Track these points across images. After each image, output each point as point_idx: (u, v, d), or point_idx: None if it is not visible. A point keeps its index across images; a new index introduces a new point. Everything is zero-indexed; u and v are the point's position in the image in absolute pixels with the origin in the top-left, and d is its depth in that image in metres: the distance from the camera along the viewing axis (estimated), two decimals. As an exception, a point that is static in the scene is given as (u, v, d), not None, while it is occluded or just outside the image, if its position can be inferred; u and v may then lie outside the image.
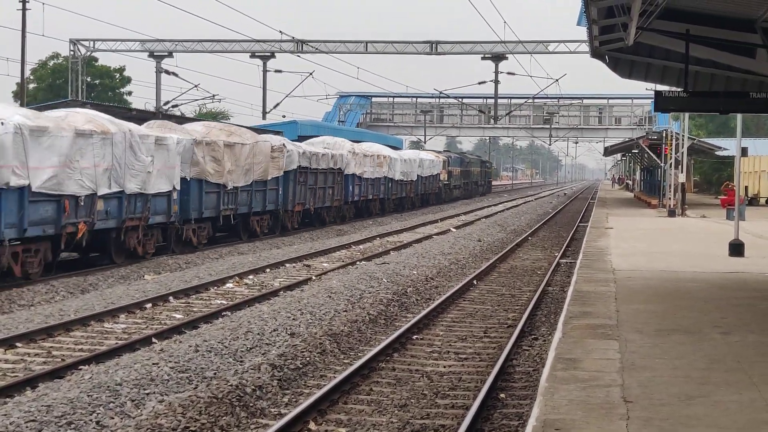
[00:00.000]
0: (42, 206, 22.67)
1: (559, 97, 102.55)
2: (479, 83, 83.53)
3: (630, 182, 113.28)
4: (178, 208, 29.26)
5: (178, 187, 28.90)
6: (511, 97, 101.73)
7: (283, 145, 38.17)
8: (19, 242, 22.11)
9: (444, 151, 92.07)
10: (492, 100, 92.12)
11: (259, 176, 35.46)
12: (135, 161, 26.39)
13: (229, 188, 32.66)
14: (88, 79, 79.70)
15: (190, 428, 10.40)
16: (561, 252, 32.02)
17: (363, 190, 51.35)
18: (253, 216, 35.82)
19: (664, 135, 54.10)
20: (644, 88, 76.44)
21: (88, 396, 11.27)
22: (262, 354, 14.31)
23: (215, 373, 13.01)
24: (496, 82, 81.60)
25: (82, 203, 24.12)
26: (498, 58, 77.64)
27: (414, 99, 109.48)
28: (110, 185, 25.27)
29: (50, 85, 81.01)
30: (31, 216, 22.20)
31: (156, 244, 28.47)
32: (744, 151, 37.27)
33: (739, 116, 28.56)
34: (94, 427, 10.41)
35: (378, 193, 54.58)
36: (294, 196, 39.81)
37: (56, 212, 23.16)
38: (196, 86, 56.23)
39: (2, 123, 21.26)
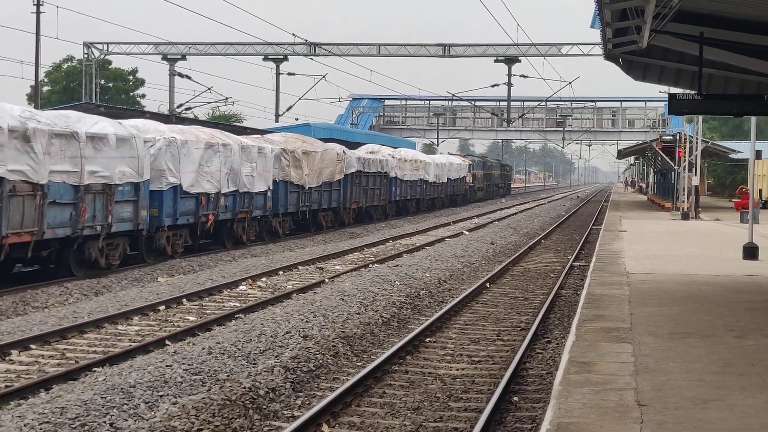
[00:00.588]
0: (187, 201, 29.34)
1: (573, 100, 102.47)
2: (492, 86, 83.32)
3: (643, 185, 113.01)
4: (271, 204, 35.93)
5: (271, 187, 35.63)
6: (524, 100, 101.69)
7: (344, 152, 44.59)
8: (170, 228, 28.52)
9: (467, 155, 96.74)
10: (505, 103, 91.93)
11: (327, 179, 42.02)
12: (245, 166, 33.08)
13: (305, 189, 39.53)
14: (102, 82, 79.87)
15: (204, 430, 10.41)
16: (574, 255, 31.96)
17: (403, 191, 57.57)
18: (321, 212, 42.39)
19: (677, 138, 54.00)
20: (658, 91, 76.41)
21: (102, 398, 11.28)
22: (275, 356, 14.32)
23: (228, 375, 13.02)
24: (509, 84, 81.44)
25: (212, 199, 30.80)
26: (511, 60, 77.52)
27: (427, 102, 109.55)
28: (229, 185, 31.95)
29: (64, 88, 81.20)
30: (180, 209, 28.91)
31: (254, 233, 35.16)
32: (758, 154, 37.22)
33: (753, 119, 28.49)
34: (107, 429, 10.42)
35: (415, 194, 60.70)
36: (351, 195, 46.25)
37: (195, 206, 29.89)
38: (209, 89, 56.27)
39: (163, 137, 27.77)
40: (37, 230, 21.94)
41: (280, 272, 25.66)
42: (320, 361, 14.24)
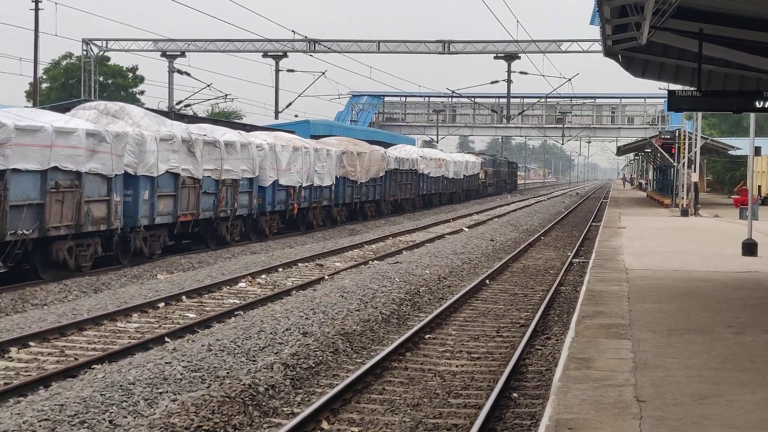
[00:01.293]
0: (281, 193, 37.38)
1: (572, 97, 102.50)
2: (492, 83, 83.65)
3: (643, 181, 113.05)
4: (334, 195, 43.80)
5: (334, 182, 43.38)
6: (523, 97, 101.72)
7: (386, 152, 53.15)
8: (270, 214, 36.63)
9: (479, 153, 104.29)
10: (504, 100, 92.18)
11: (372, 175, 49.83)
12: (317, 165, 40.93)
13: (358, 183, 47.35)
14: (101, 79, 79.87)
15: (203, 427, 10.41)
16: (574, 251, 31.96)
17: (429, 186, 65.33)
18: (366, 203, 50.34)
19: (677, 134, 54.00)
20: (657, 88, 76.31)
21: (101, 395, 11.29)
22: (275, 353, 14.32)
23: (228, 373, 13.02)
24: (509, 81, 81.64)
25: (296, 192, 38.70)
26: (510, 57, 77.66)
27: (426, 98, 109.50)
28: (307, 180, 39.74)
29: (63, 85, 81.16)
30: (277, 199, 36.98)
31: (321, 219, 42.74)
32: (757, 151, 37.25)
33: (752, 116, 28.47)
34: (107, 426, 10.42)
35: (438, 189, 68.65)
36: (390, 189, 54.36)
37: (286, 197, 37.92)
38: (208, 86, 56.27)
39: (266, 142, 35.77)
40: (195, 212, 29.81)
41: (280, 269, 25.66)
42: (320, 358, 14.25)
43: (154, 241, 28.00)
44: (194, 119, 39.68)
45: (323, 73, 69.51)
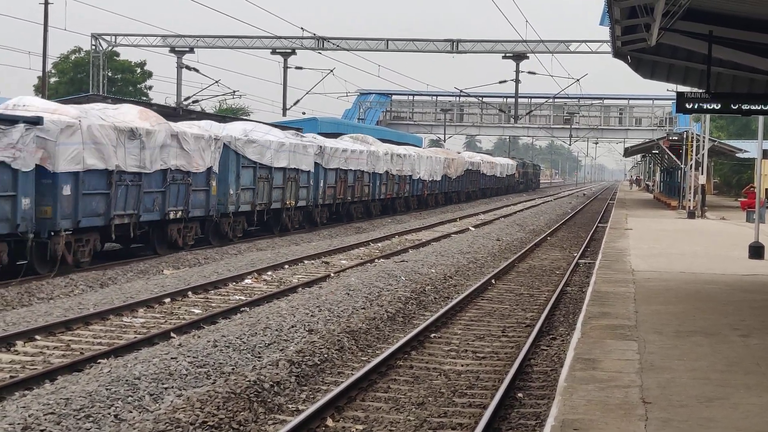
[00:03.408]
0: (419, 183, 59.13)
1: (580, 97, 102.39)
2: (500, 82, 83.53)
3: (650, 183, 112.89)
4: (439, 187, 65.33)
5: (439, 178, 64.81)
6: (531, 97, 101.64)
7: (465, 157, 76.02)
8: (416, 197, 56.59)
9: (513, 157, 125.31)
10: (512, 100, 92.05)
11: (459, 174, 72.14)
12: (436, 167, 61.30)
13: (452, 179, 69.41)
14: (109, 74, 79.94)
15: (208, 423, 10.42)
16: (580, 252, 31.94)
17: (484, 182, 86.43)
18: (454, 193, 72.19)
19: (684, 136, 53.91)
20: (665, 89, 76.24)
21: (107, 389, 11.30)
22: (280, 350, 14.33)
23: (233, 369, 13.03)
24: (517, 81, 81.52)
25: (426, 183, 59.91)
26: (519, 57, 77.54)
27: (434, 97, 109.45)
28: (430, 176, 60.29)
29: (71, 79, 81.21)
30: (417, 188, 58.75)
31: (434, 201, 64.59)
32: (765, 154, 37.11)
33: (761, 118, 28.44)
34: (112, 421, 10.44)
35: (490, 185, 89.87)
36: (465, 184, 76.20)
37: (422, 186, 59.78)
38: (216, 82, 56.36)
39: (417, 155, 55.39)
40: (266, 202, 35.25)
41: (285, 266, 25.67)
42: (325, 356, 14.25)
43: (237, 225, 32.96)
44: (203, 115, 39.60)
45: (331, 71, 69.57)
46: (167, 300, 19.49)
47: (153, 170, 26.56)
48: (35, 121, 21.98)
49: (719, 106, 19.82)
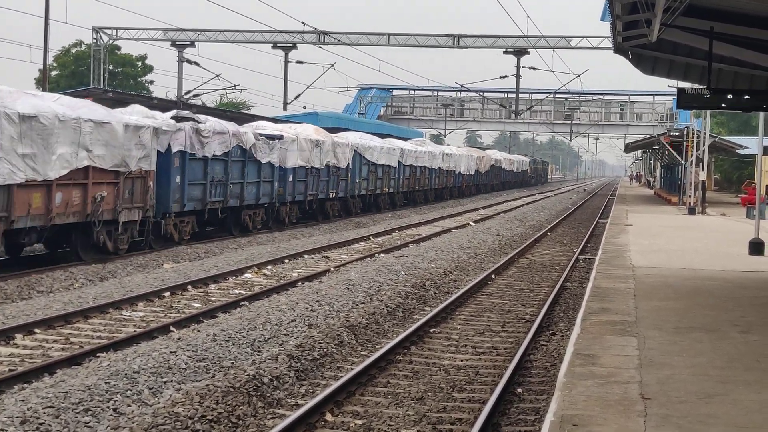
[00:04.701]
0: (459, 177, 73.74)
1: (581, 93, 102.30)
2: (501, 77, 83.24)
3: (651, 179, 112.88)
4: (474, 180, 79.57)
5: (473, 173, 78.08)
6: (532, 92, 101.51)
7: (491, 154, 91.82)
8: (451, 188, 70.48)
9: (525, 154, 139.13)
10: (513, 95, 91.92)
11: (486, 170, 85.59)
12: (471, 163, 76.22)
13: (482, 173, 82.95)
14: (110, 67, 79.84)
15: (207, 417, 10.41)
16: (580, 248, 31.94)
17: (503, 176, 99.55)
18: (482, 185, 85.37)
19: (685, 132, 53.89)
20: (666, 85, 76.13)
21: (106, 383, 11.30)
22: (280, 344, 14.33)
23: (233, 363, 13.03)
24: (518, 76, 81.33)
25: (464, 176, 75.31)
26: (520, 52, 77.36)
27: (435, 92, 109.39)
28: (467, 171, 74.08)
29: (72, 73, 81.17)
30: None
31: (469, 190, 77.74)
32: (766, 150, 37.05)
33: (761, 115, 28.39)
34: (111, 415, 10.43)
35: (508, 179, 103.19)
36: (490, 178, 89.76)
37: (461, 179, 74.29)
38: (217, 76, 56.18)
39: (464, 155, 74.32)
40: (373, 189, 48.56)
41: (285, 260, 25.66)
42: (325, 350, 14.25)
43: (357, 204, 46.96)
44: (203, 109, 39.69)
45: (332, 65, 69.40)
46: (167, 294, 19.48)
47: (323, 166, 41.65)
48: (280, 138, 36.58)
49: (720, 102, 19.81)
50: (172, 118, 29.36)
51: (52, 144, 22.25)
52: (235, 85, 57.44)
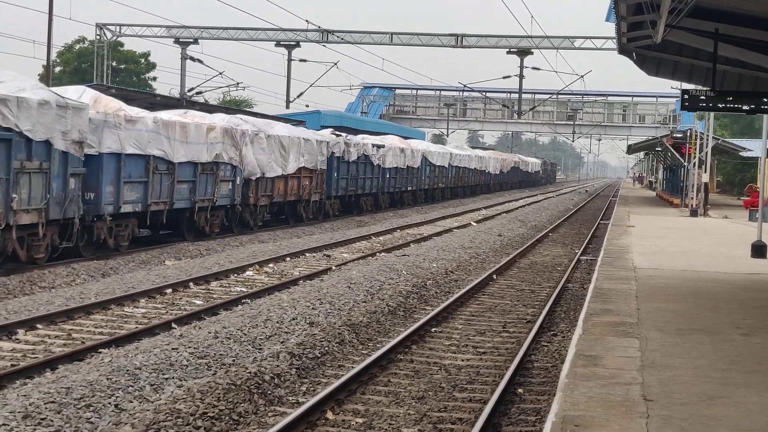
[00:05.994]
0: (487, 176, 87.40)
1: (584, 94, 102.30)
2: (504, 77, 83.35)
3: (653, 180, 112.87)
4: (498, 178, 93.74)
5: (497, 173, 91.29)
6: (535, 93, 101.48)
7: (513, 158, 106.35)
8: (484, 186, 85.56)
9: (538, 157, 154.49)
10: (516, 95, 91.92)
11: (507, 170, 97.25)
12: (494, 164, 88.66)
13: (504, 173, 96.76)
14: (114, 64, 79.85)
15: (209, 414, 10.41)
16: (582, 249, 31.94)
17: (522, 176, 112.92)
18: (503, 183, 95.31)
19: (688, 134, 53.86)
20: (669, 87, 76.13)
21: (108, 379, 11.29)
22: (281, 342, 14.33)
23: (234, 360, 13.03)
24: (521, 76, 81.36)
25: (492, 175, 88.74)
26: (523, 52, 77.45)
27: (438, 92, 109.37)
28: (495, 170, 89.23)
29: (76, 69, 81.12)
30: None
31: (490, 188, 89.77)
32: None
33: (765, 117, 28.38)
34: (112, 410, 10.43)
35: (524, 178, 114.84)
36: (512, 177, 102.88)
37: (489, 179, 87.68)
38: (220, 74, 56.30)
39: (496, 158, 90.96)
40: (433, 184, 62.40)
41: (287, 258, 25.66)
42: (326, 348, 14.25)
43: (421, 196, 60.50)
44: (205, 106, 39.68)
45: (335, 64, 69.42)
46: (169, 290, 19.49)
47: (407, 166, 55.32)
48: (382, 146, 50.69)
49: (724, 104, 19.79)
50: (332, 133, 44.46)
51: (289, 153, 36.57)
52: (238, 83, 57.56)
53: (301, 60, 75.07)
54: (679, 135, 57.67)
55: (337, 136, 44.22)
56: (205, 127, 29.61)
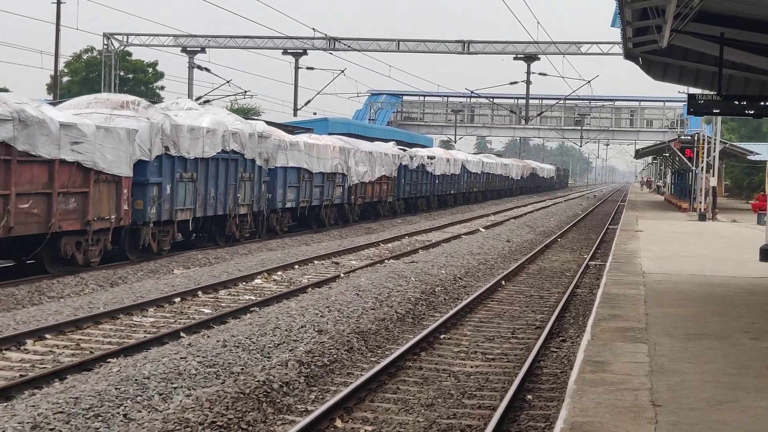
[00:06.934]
0: (511, 181, 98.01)
1: (591, 99, 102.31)
2: (511, 83, 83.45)
3: (661, 185, 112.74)
4: (519, 184, 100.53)
5: (517, 178, 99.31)
6: (542, 98, 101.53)
7: (529, 163, 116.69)
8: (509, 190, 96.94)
9: (551, 163, 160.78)
10: (523, 101, 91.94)
11: (527, 176, 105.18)
12: (517, 171, 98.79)
13: (524, 178, 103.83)
14: (121, 73, 80.00)
15: (217, 423, 10.42)
16: (590, 254, 31.90)
17: (538, 181, 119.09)
18: (522, 187, 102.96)
19: (695, 138, 53.80)
20: (677, 91, 76.10)
21: (116, 389, 11.31)
22: (290, 350, 14.33)
23: (243, 369, 13.04)
24: (528, 82, 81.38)
25: (515, 181, 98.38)
26: (530, 58, 77.44)
27: (445, 98, 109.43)
28: (517, 176, 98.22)
29: (84, 79, 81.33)
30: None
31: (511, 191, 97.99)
32: (777, 156, 37.01)
33: (772, 121, 28.37)
34: (121, 420, 10.45)
35: (540, 183, 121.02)
36: (531, 182, 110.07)
37: (512, 184, 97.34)
38: (228, 82, 56.44)
39: (519, 166, 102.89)
40: (473, 189, 74.23)
41: (296, 266, 25.68)
42: (334, 356, 14.25)
43: (462, 200, 70.33)
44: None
45: (342, 71, 69.52)
46: (177, 299, 19.51)
47: (451, 174, 65.25)
48: (433, 157, 60.10)
49: (730, 108, 19.77)
50: (398, 147, 54.72)
51: (376, 164, 46.85)
52: (245, 91, 57.67)
53: (308, 68, 75.19)
54: (687, 139, 57.61)
55: (404, 150, 55.56)
56: (330, 146, 40.50)
